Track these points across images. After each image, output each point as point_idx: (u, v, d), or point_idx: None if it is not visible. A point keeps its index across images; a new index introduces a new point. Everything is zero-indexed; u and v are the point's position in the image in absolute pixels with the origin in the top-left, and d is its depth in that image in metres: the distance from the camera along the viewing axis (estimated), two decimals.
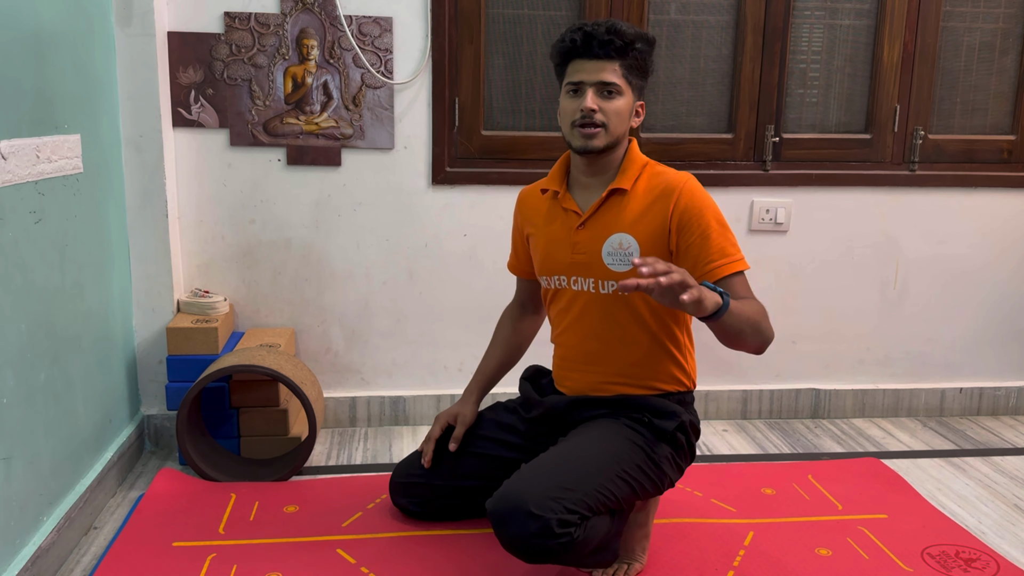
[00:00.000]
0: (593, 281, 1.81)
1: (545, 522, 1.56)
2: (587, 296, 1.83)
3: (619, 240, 1.78)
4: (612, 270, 1.78)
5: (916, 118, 2.82)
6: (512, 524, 1.59)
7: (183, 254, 2.60)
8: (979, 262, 2.91)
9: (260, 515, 2.10)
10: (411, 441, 2.64)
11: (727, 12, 2.72)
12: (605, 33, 1.72)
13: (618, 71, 1.75)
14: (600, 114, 1.74)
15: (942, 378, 2.99)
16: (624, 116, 1.78)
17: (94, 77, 2.20)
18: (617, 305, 1.81)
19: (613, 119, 1.76)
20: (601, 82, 1.74)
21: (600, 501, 1.65)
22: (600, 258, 1.79)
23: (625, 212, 1.79)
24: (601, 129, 1.75)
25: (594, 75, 1.74)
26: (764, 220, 2.78)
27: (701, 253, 1.73)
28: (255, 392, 2.39)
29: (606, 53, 1.73)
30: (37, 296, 1.84)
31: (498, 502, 1.63)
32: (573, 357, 1.89)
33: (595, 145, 1.77)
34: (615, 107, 1.76)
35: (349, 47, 2.53)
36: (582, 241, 1.82)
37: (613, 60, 1.74)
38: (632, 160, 1.83)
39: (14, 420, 1.73)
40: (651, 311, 1.80)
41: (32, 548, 1.78)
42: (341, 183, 2.62)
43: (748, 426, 2.86)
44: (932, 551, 2.00)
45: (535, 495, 1.59)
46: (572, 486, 1.62)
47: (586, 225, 1.82)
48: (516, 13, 2.65)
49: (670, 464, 1.82)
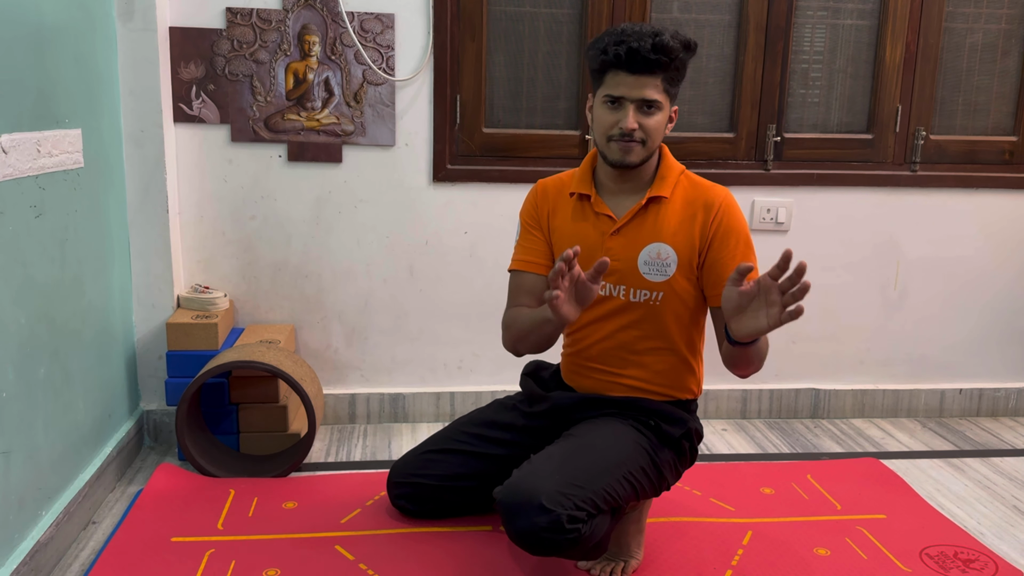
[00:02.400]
0: (624, 288, 1.80)
1: (556, 517, 1.56)
2: (616, 302, 1.81)
3: (657, 250, 1.77)
4: (648, 279, 1.78)
5: (918, 118, 2.82)
6: (522, 517, 1.59)
7: (183, 250, 2.59)
8: (980, 263, 2.91)
9: (259, 511, 2.10)
10: (410, 438, 2.64)
11: (729, 11, 2.72)
12: (652, 51, 1.66)
13: (659, 86, 1.70)
14: (640, 131, 1.71)
15: (942, 379, 2.99)
16: (662, 128, 1.75)
17: (95, 72, 2.20)
18: (645, 313, 1.80)
19: (652, 134, 1.73)
20: (643, 99, 1.70)
21: (606, 500, 1.65)
22: (635, 266, 1.78)
23: (664, 221, 1.77)
24: (639, 144, 1.73)
25: (636, 91, 1.69)
26: (765, 220, 2.78)
27: (727, 271, 1.74)
28: (255, 388, 2.39)
29: (651, 70, 1.68)
30: (37, 291, 1.84)
31: (508, 494, 1.63)
32: (591, 355, 1.87)
33: (631, 160, 1.74)
34: (655, 122, 1.72)
35: (351, 43, 2.52)
36: (616, 248, 1.79)
37: (656, 75, 1.69)
38: (669, 167, 1.81)
39: (13, 414, 1.73)
40: (679, 324, 1.80)
41: (31, 542, 1.78)
42: (342, 180, 2.62)
43: (748, 426, 2.86)
44: (931, 551, 2.00)
45: (547, 489, 1.58)
46: (583, 483, 1.62)
47: (621, 232, 1.80)
48: (518, 11, 2.64)
49: (670, 469, 1.82)
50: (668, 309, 1.79)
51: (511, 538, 1.63)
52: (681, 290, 1.78)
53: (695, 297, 1.80)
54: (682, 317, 1.81)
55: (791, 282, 1.47)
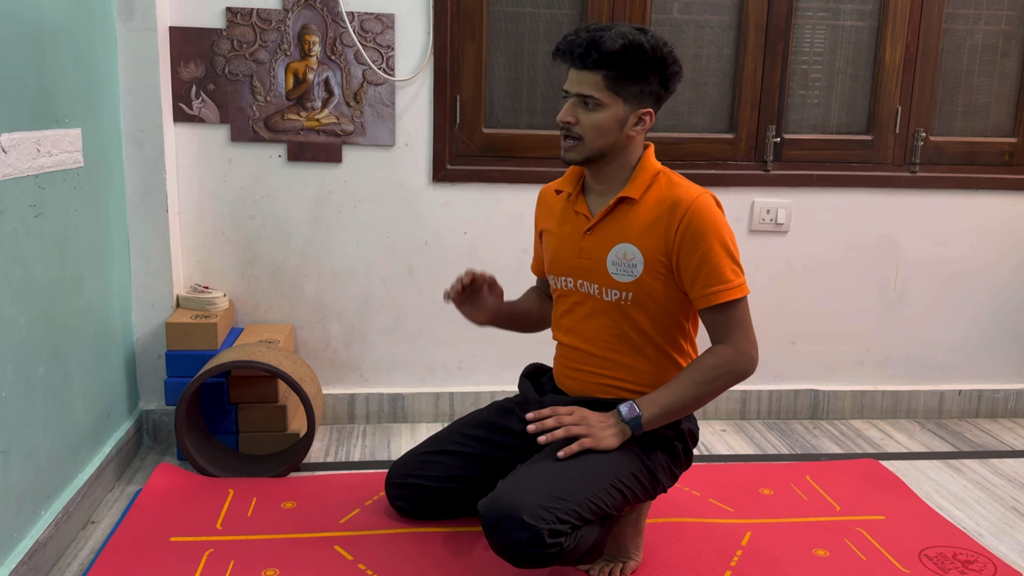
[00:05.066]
0: (598, 287, 1.80)
1: (536, 532, 1.55)
2: (593, 300, 1.82)
3: (624, 250, 1.76)
4: (616, 279, 1.78)
5: (917, 120, 2.82)
6: (503, 532, 1.58)
7: (183, 249, 2.59)
8: (979, 264, 2.91)
9: (258, 511, 2.10)
10: (409, 438, 2.64)
11: (729, 12, 2.72)
12: (583, 44, 1.67)
13: (600, 83, 1.69)
14: (577, 126, 1.72)
15: (941, 380, 2.99)
16: (604, 129, 1.72)
17: (95, 71, 2.20)
18: (620, 313, 1.79)
19: (590, 132, 1.72)
20: (579, 94, 1.71)
21: (592, 511, 1.64)
22: (605, 265, 1.78)
23: (632, 222, 1.77)
24: (578, 142, 1.73)
25: (575, 86, 1.71)
26: (765, 220, 2.78)
27: (698, 277, 1.72)
28: (254, 388, 2.39)
29: (585, 65, 1.69)
30: (36, 290, 1.84)
31: (490, 507, 1.63)
32: (576, 357, 1.88)
33: (572, 157, 1.76)
34: (592, 120, 1.71)
35: (351, 43, 2.52)
36: (588, 246, 1.81)
37: (595, 71, 1.69)
38: (644, 168, 1.79)
39: (12, 413, 1.73)
40: (652, 323, 1.79)
41: (29, 542, 1.78)
42: (342, 180, 2.62)
43: (747, 426, 2.86)
44: (929, 553, 2.00)
45: (528, 504, 1.58)
46: (566, 496, 1.61)
47: (594, 231, 1.80)
48: (518, 11, 2.64)
49: (665, 472, 1.81)
50: (640, 309, 1.78)
51: (494, 551, 1.63)
52: (652, 290, 1.76)
53: (671, 298, 1.77)
54: (657, 318, 1.78)
55: (555, 436, 1.72)
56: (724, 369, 1.74)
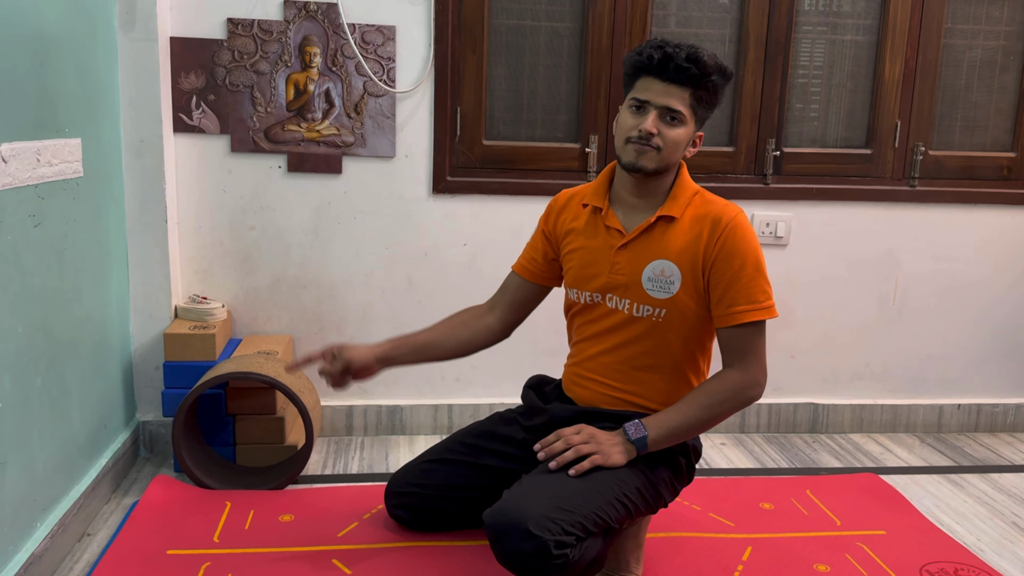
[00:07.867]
0: (629, 302, 1.79)
1: (542, 543, 1.55)
2: (621, 316, 1.81)
3: (661, 267, 1.76)
4: (651, 295, 1.77)
5: (917, 134, 2.83)
6: (509, 541, 1.58)
7: (182, 260, 2.59)
8: (978, 278, 2.92)
9: (255, 524, 2.09)
10: (408, 450, 2.63)
11: (729, 26, 2.73)
12: (685, 59, 1.67)
13: (686, 99, 1.71)
14: (658, 138, 1.71)
15: (940, 394, 2.99)
16: (681, 145, 1.74)
17: (96, 81, 2.20)
18: (648, 329, 1.79)
19: (669, 146, 1.72)
20: (667, 107, 1.71)
21: (596, 523, 1.63)
22: (639, 281, 1.77)
23: (671, 239, 1.77)
24: (655, 151, 1.72)
25: (661, 98, 1.70)
26: (764, 234, 2.78)
27: (727, 294, 1.73)
28: (252, 399, 2.38)
29: (679, 79, 1.69)
30: (35, 300, 1.83)
31: (496, 516, 1.62)
32: (592, 367, 1.87)
33: (643, 164, 1.73)
34: (674, 135, 1.72)
35: (352, 55, 2.53)
36: (622, 262, 1.80)
37: (684, 87, 1.70)
38: (683, 187, 1.80)
39: (9, 424, 1.72)
40: (682, 343, 1.80)
41: (25, 554, 1.77)
42: (342, 191, 2.61)
43: (746, 440, 2.85)
44: (931, 568, 1.99)
45: (534, 515, 1.57)
46: (572, 508, 1.60)
47: (628, 247, 1.80)
48: (519, 24, 2.65)
49: (668, 487, 1.81)
50: (671, 327, 1.78)
51: (499, 561, 1.62)
52: (685, 308, 1.77)
53: (700, 317, 1.79)
54: (685, 336, 1.79)
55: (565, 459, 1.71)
56: (731, 394, 1.75)
